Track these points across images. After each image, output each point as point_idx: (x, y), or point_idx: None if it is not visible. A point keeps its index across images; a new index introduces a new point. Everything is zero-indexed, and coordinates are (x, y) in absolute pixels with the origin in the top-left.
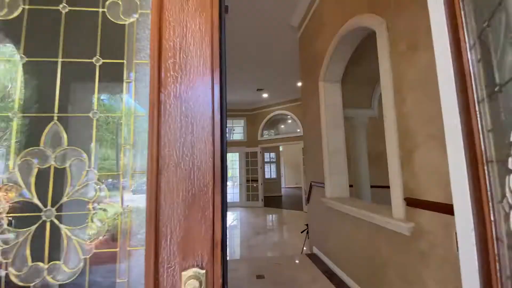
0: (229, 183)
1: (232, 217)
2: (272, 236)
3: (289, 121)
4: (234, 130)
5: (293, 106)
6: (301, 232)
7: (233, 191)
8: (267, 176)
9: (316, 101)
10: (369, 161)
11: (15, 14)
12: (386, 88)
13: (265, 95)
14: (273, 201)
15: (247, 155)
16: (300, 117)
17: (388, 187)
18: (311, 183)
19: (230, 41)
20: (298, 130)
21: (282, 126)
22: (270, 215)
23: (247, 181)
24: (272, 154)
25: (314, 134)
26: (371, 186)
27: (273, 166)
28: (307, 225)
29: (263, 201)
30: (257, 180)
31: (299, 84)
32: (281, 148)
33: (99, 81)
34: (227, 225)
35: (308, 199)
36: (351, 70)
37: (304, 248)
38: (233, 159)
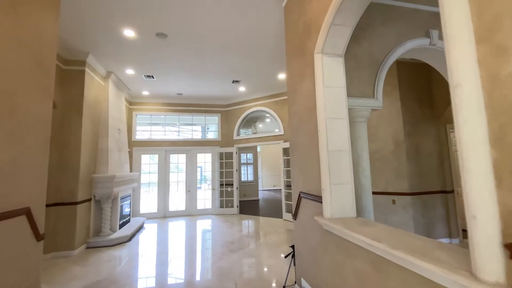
0: (200, 187)
1: (201, 227)
2: (247, 253)
3: (268, 119)
4: (208, 128)
5: (273, 102)
6: (285, 257)
7: (205, 197)
8: (243, 179)
9: (307, 85)
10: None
11: None
12: (456, 26)
13: (242, 89)
14: (249, 207)
15: (222, 155)
16: (280, 114)
17: (384, 193)
18: (300, 194)
19: (200, 24)
20: (277, 130)
21: (261, 125)
22: (246, 224)
23: (221, 185)
24: (249, 155)
25: (305, 128)
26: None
27: (250, 168)
28: (292, 247)
29: (238, 207)
30: (232, 184)
31: (281, 76)
32: (258, 149)
33: None
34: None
35: (295, 215)
36: (350, 48)
37: (288, 277)
38: (205, 160)
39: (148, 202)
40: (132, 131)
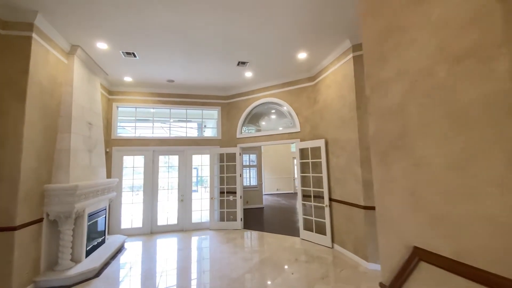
0: (196, 196)
1: (196, 249)
2: None
3: (273, 116)
4: (205, 125)
5: (286, 92)
6: None
7: (201, 207)
8: (245, 183)
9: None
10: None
11: None
12: None
13: (248, 74)
14: (254, 218)
15: (222, 157)
16: (296, 106)
17: None
18: (416, 252)
19: None
20: (281, 129)
21: (264, 123)
22: (254, 246)
23: (222, 193)
24: (253, 156)
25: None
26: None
27: (253, 171)
28: None
29: (242, 220)
30: (235, 192)
31: (301, 55)
32: (262, 149)
33: None
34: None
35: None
36: None
37: None
38: (203, 163)
39: (131, 215)
40: (112, 127)
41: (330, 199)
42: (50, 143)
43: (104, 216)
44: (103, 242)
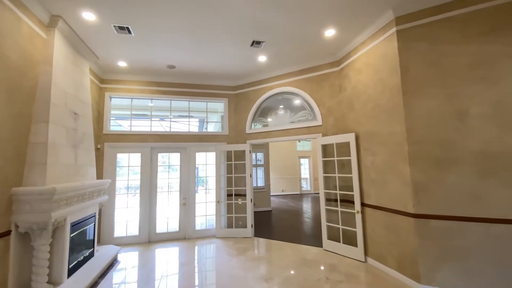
0: (201, 199)
1: (201, 265)
2: None
3: (282, 111)
4: (207, 121)
5: (305, 80)
6: None
7: (206, 212)
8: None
9: None
10: None
11: None
12: None
13: (262, 58)
14: (264, 223)
15: (230, 155)
16: (317, 96)
17: None
18: None
19: None
20: (310, 117)
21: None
22: (270, 261)
23: (229, 195)
24: (259, 155)
25: None
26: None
27: (260, 171)
28: None
29: (253, 227)
30: (244, 195)
31: (328, 32)
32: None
33: None
34: None
35: None
36: None
37: None
38: (207, 162)
39: (126, 221)
40: (104, 120)
41: (363, 204)
42: (21, 135)
43: (93, 224)
44: (91, 255)
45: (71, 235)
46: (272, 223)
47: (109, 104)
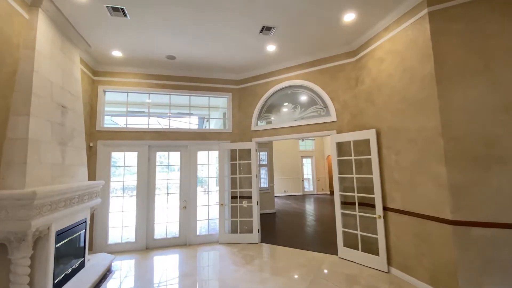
0: (203, 202)
1: (203, 276)
2: None
3: (286, 108)
4: (207, 120)
5: (317, 72)
6: None
7: (209, 216)
8: None
9: None
10: None
11: None
12: None
13: (271, 48)
14: (269, 226)
15: (234, 154)
16: (330, 89)
17: None
18: None
19: None
20: (323, 113)
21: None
22: (285, 273)
23: (233, 197)
24: (263, 154)
25: None
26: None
27: (264, 171)
28: None
29: (259, 232)
30: (250, 197)
31: (348, 16)
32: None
33: None
34: None
35: None
36: None
37: None
38: (210, 162)
39: (121, 226)
40: (98, 115)
41: (385, 208)
42: None
43: (84, 230)
44: (81, 266)
45: (57, 245)
46: (278, 227)
47: (103, 98)
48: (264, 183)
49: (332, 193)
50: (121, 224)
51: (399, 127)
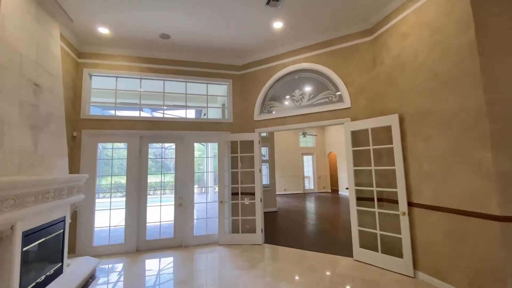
0: (200, 199)
1: (201, 283)
2: None
3: (290, 99)
4: (208, 104)
5: (328, 53)
6: None
7: (207, 214)
8: None
9: None
10: None
11: None
12: None
13: (277, 25)
14: (272, 225)
15: (235, 146)
16: (343, 73)
17: None
18: None
19: None
20: (334, 99)
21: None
22: (295, 279)
23: (234, 194)
24: (263, 149)
25: None
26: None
27: (265, 167)
28: None
29: (263, 232)
30: (252, 193)
31: None
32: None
33: None
34: None
35: None
36: None
37: None
38: (208, 154)
39: (108, 226)
40: (82, 102)
41: (410, 204)
42: None
43: (62, 231)
44: (59, 272)
45: (25, 249)
46: (282, 226)
47: (88, 82)
48: (265, 180)
49: (334, 191)
50: (108, 223)
51: (429, 110)
